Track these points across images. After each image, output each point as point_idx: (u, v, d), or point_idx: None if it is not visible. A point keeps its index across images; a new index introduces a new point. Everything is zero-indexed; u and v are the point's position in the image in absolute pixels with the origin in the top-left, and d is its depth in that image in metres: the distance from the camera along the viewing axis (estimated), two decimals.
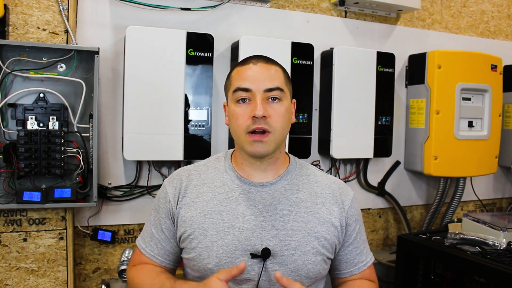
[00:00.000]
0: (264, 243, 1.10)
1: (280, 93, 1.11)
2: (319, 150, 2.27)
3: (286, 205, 1.15)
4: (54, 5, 1.78)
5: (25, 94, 1.71)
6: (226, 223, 1.11)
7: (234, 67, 1.18)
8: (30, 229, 1.79)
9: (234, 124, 1.12)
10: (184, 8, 1.95)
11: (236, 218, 1.12)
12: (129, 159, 1.83)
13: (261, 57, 1.16)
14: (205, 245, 1.10)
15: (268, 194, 1.15)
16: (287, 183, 1.18)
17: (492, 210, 2.89)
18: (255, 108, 1.07)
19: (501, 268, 1.56)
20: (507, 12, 2.86)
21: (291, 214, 1.14)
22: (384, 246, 2.53)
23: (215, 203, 1.14)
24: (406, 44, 2.48)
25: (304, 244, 1.12)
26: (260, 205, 1.13)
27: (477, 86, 2.37)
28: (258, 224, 1.11)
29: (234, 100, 1.12)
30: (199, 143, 1.90)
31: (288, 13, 2.21)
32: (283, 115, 1.11)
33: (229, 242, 1.10)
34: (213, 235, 1.11)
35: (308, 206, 1.16)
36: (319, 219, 1.16)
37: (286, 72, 1.18)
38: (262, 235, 1.10)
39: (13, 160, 1.64)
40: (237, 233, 1.10)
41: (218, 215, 1.12)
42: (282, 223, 1.12)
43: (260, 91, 1.09)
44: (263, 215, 1.12)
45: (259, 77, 1.10)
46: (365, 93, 2.22)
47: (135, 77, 1.79)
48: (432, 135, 2.30)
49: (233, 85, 1.13)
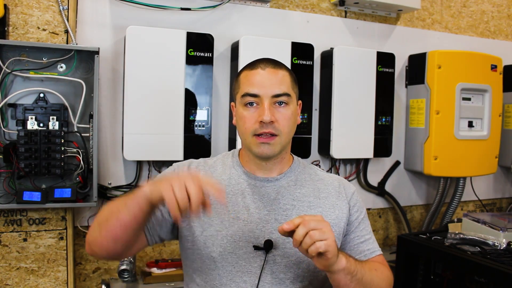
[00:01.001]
0: (267, 236, 1.13)
1: (287, 98, 1.14)
2: (319, 150, 2.28)
3: (289, 199, 1.18)
4: (54, 5, 1.78)
5: (25, 94, 1.71)
6: (231, 214, 1.15)
7: (242, 70, 1.20)
8: (30, 229, 1.79)
9: (242, 127, 1.15)
10: (184, 8, 1.95)
11: (241, 210, 1.15)
12: (129, 159, 1.83)
13: (269, 61, 1.18)
14: (210, 234, 1.13)
15: (272, 189, 1.19)
16: (290, 179, 1.22)
17: (492, 210, 2.88)
18: (263, 113, 1.11)
19: (501, 268, 1.56)
20: (507, 12, 2.86)
21: (294, 209, 1.17)
22: (384, 246, 2.53)
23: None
24: (406, 44, 2.48)
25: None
26: (264, 199, 1.17)
27: (477, 86, 2.37)
28: (262, 217, 1.15)
29: (242, 103, 1.15)
30: (199, 143, 1.90)
31: (288, 13, 2.21)
32: (290, 118, 1.15)
33: (234, 233, 1.13)
34: (218, 225, 1.14)
35: (311, 200, 1.20)
36: (322, 213, 1.19)
37: (293, 75, 1.21)
38: (265, 228, 1.14)
39: (13, 160, 1.64)
40: (241, 224, 1.13)
41: (224, 206, 1.15)
42: (285, 217, 1.15)
43: (268, 96, 1.12)
44: (267, 209, 1.16)
45: (266, 83, 1.13)
46: (365, 93, 2.21)
47: (135, 77, 1.79)
48: (432, 135, 2.30)
49: (241, 89, 1.16)
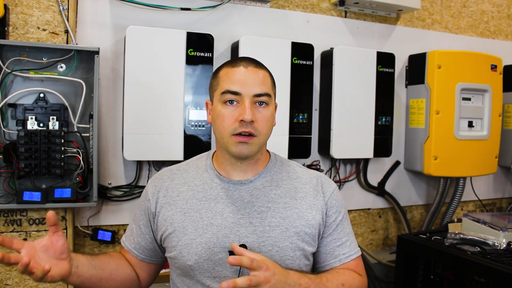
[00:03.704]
0: (242, 240, 1.11)
1: (268, 98, 1.13)
2: (319, 150, 2.28)
3: (264, 201, 1.16)
4: (54, 5, 1.78)
5: (25, 94, 1.71)
6: (204, 220, 1.14)
7: (221, 67, 1.18)
8: (30, 229, 1.79)
9: (220, 125, 1.12)
10: (184, 8, 1.95)
11: (215, 216, 1.14)
12: (129, 159, 1.83)
13: (251, 60, 1.16)
14: (184, 243, 1.13)
15: (246, 191, 1.17)
16: (265, 180, 1.20)
17: (492, 210, 2.89)
18: (244, 112, 1.09)
19: (501, 268, 1.56)
20: (507, 12, 2.86)
21: (269, 211, 1.15)
22: (384, 246, 2.53)
23: (194, 202, 1.17)
24: (406, 44, 2.48)
25: (282, 240, 1.13)
26: (238, 203, 1.15)
27: (477, 86, 2.38)
28: (236, 221, 1.13)
29: (222, 101, 1.12)
30: (199, 143, 1.90)
31: (288, 13, 2.21)
32: (269, 119, 1.14)
33: (208, 240, 1.11)
34: (192, 233, 1.13)
35: (286, 201, 1.18)
36: (298, 214, 1.17)
37: (273, 76, 1.20)
38: (240, 232, 1.12)
39: (13, 160, 1.64)
40: (215, 230, 1.12)
41: (197, 213, 1.15)
42: (259, 220, 1.14)
43: (249, 95, 1.10)
44: (241, 213, 1.14)
45: (249, 82, 1.11)
46: (365, 93, 2.22)
47: (135, 77, 1.79)
48: (432, 135, 2.30)
49: (221, 86, 1.13)
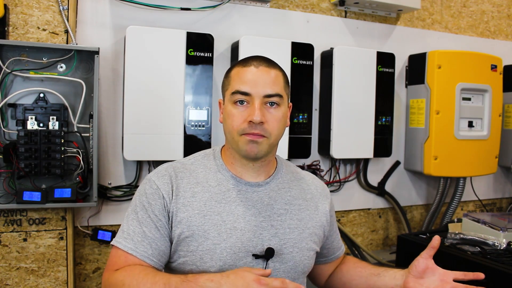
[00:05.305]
0: (265, 243, 1.10)
1: (279, 99, 1.10)
2: (319, 150, 2.28)
3: (282, 203, 1.16)
4: (54, 5, 1.78)
5: (25, 94, 1.71)
6: (227, 224, 1.09)
7: (233, 66, 1.15)
8: (30, 229, 1.79)
9: (230, 125, 1.10)
10: (184, 8, 1.95)
11: (237, 219, 1.10)
12: (129, 159, 1.83)
13: (263, 60, 1.13)
14: (207, 248, 1.07)
15: (264, 193, 1.15)
16: (279, 181, 1.19)
17: (492, 210, 2.88)
18: (253, 113, 1.06)
19: (501, 268, 1.56)
20: (507, 12, 2.86)
21: (287, 213, 1.16)
22: (384, 246, 2.53)
23: (213, 204, 1.11)
24: (406, 44, 2.48)
25: (300, 241, 1.15)
26: (258, 205, 1.13)
27: (477, 86, 2.37)
28: (258, 224, 1.11)
29: (232, 101, 1.10)
30: (199, 143, 1.90)
31: (288, 13, 2.21)
32: (280, 120, 1.10)
33: (233, 244, 1.07)
34: (216, 237, 1.07)
35: (300, 203, 1.19)
36: (310, 215, 1.20)
37: (286, 75, 1.17)
38: (262, 235, 1.11)
39: (13, 160, 1.64)
40: (239, 234, 1.08)
41: (219, 216, 1.09)
42: (280, 222, 1.14)
43: (259, 96, 1.07)
44: (262, 215, 1.13)
45: (259, 82, 1.08)
46: (365, 93, 2.21)
47: (135, 77, 1.79)
48: (432, 135, 2.30)
49: (232, 86, 1.11)
